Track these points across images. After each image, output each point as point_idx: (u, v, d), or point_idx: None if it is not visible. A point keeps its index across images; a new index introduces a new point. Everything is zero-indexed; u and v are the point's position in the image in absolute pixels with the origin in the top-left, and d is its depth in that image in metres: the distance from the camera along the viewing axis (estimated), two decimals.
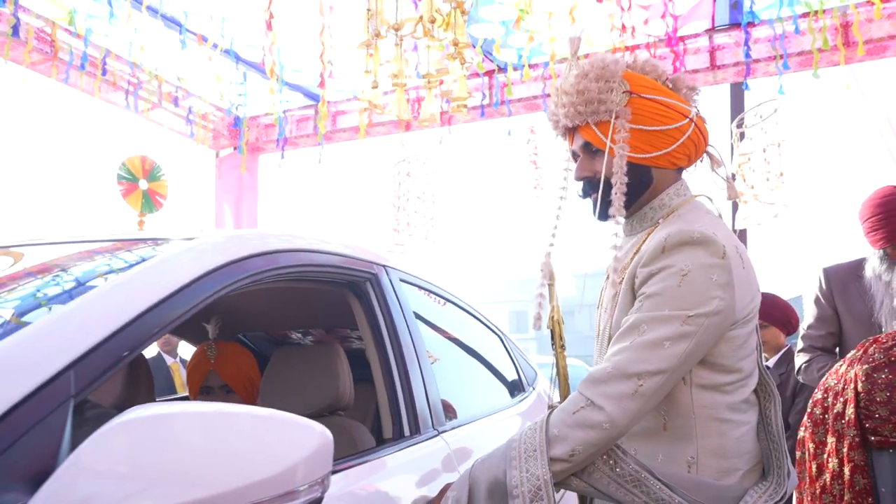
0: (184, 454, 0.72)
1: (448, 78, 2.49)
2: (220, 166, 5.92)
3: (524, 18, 3.94)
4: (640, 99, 1.58)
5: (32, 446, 0.74)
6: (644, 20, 4.19)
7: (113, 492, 0.69)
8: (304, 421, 0.82)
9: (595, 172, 1.62)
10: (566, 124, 1.64)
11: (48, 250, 1.32)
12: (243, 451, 0.74)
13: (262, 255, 1.36)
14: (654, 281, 1.49)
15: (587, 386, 1.45)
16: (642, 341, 1.45)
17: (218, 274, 1.17)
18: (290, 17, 4.05)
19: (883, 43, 4.05)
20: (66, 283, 1.12)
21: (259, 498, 0.74)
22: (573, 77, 1.61)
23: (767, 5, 4.10)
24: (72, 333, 0.87)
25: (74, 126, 25.57)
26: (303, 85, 5.18)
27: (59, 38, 4.31)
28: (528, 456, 1.43)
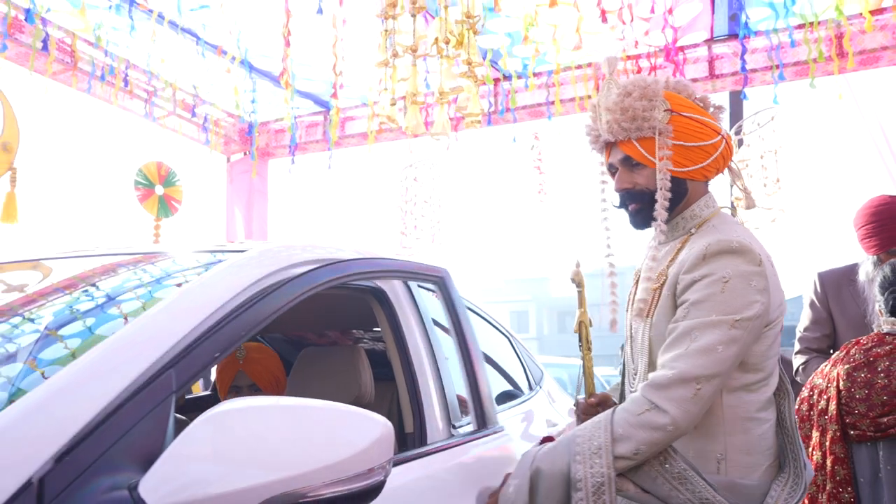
0: (269, 440, 0.85)
1: (461, 95, 2.63)
2: (232, 171, 6.06)
3: (529, 30, 4.08)
4: (679, 117, 1.71)
5: (143, 434, 0.88)
6: (645, 31, 4.33)
7: (210, 471, 0.83)
8: (369, 413, 0.95)
9: (634, 184, 1.76)
10: (607, 139, 1.76)
11: (122, 260, 1.46)
12: (318, 439, 0.87)
13: (337, 262, 1.54)
14: (698, 288, 1.61)
15: (650, 390, 1.57)
16: (696, 347, 1.56)
17: (305, 277, 1.32)
18: (303, 28, 4.19)
19: (876, 53, 4.19)
20: (156, 291, 1.26)
21: (330, 479, 0.87)
22: (615, 95, 1.73)
23: (764, 17, 4.24)
24: (171, 339, 1.01)
25: (91, 133, 25.72)
26: (313, 92, 5.32)
27: (78, 49, 4.45)
28: (594, 453, 1.54)
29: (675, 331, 1.62)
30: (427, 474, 1.62)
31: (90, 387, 0.90)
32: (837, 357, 2.38)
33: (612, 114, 1.72)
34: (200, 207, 5.97)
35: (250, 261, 1.34)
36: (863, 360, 2.22)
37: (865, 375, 2.18)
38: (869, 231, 2.90)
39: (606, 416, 1.61)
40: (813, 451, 2.31)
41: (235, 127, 5.84)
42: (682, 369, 1.56)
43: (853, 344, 2.35)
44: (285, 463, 0.84)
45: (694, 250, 1.67)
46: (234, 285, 1.22)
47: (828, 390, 2.28)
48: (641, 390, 1.60)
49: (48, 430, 0.85)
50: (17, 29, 4.04)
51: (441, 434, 1.90)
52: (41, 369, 0.97)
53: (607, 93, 1.76)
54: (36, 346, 1.05)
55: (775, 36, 4.23)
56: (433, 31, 2.76)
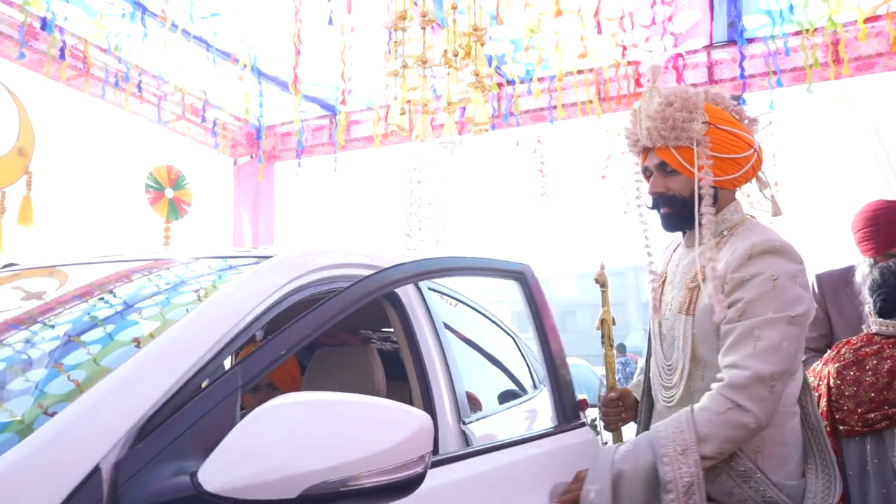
0: (315, 433, 0.94)
1: (469, 105, 2.73)
2: (238, 174, 6.16)
3: (532, 37, 4.17)
4: (716, 129, 1.80)
5: (212, 424, 0.97)
6: (645, 38, 4.42)
7: (261, 460, 0.92)
8: (409, 408, 1.03)
9: (668, 189, 1.85)
10: (645, 144, 1.86)
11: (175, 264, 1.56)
12: (359, 432, 0.95)
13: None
14: (750, 287, 1.69)
15: (730, 390, 1.63)
16: (764, 347, 1.64)
17: (366, 283, 1.41)
18: (310, 34, 4.28)
19: (871, 60, 4.28)
20: (211, 293, 1.35)
21: (374, 468, 0.95)
22: (657, 104, 1.82)
23: (762, 24, 4.33)
24: (241, 340, 1.12)
25: (102, 137, 25.93)
26: (319, 97, 5.42)
27: (91, 55, 4.54)
28: (680, 454, 1.60)
29: (734, 331, 1.68)
30: (511, 462, 1.69)
31: (151, 381, 1.00)
32: (829, 356, 2.48)
33: (653, 121, 1.81)
34: (208, 210, 6.06)
35: (304, 263, 1.44)
36: (852, 359, 2.32)
37: (854, 373, 2.28)
38: (866, 234, 2.98)
39: (685, 415, 1.66)
40: None
41: (242, 130, 5.93)
42: (758, 369, 1.63)
43: (844, 344, 2.45)
44: (328, 453, 0.93)
45: (738, 251, 1.74)
46: (286, 287, 1.33)
47: (819, 388, 2.38)
48: (720, 390, 1.65)
49: (113, 420, 0.95)
50: (32, 36, 4.13)
51: (452, 430, 1.99)
52: (108, 366, 1.06)
53: (649, 100, 1.84)
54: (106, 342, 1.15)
55: (772, 43, 4.33)
56: (440, 42, 2.86)
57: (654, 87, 1.87)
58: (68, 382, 1.05)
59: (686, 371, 1.81)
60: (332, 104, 5.48)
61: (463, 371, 2.36)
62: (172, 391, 1.06)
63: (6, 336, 1.23)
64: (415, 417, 1.01)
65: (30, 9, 3.96)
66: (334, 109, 5.54)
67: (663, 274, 2.00)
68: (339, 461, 0.93)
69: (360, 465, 0.94)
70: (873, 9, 4.07)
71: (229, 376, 1.05)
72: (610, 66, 4.69)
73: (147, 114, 5.13)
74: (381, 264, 1.96)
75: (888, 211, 2.97)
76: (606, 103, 4.80)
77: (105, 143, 6.65)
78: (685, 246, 1.94)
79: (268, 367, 1.14)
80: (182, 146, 5.66)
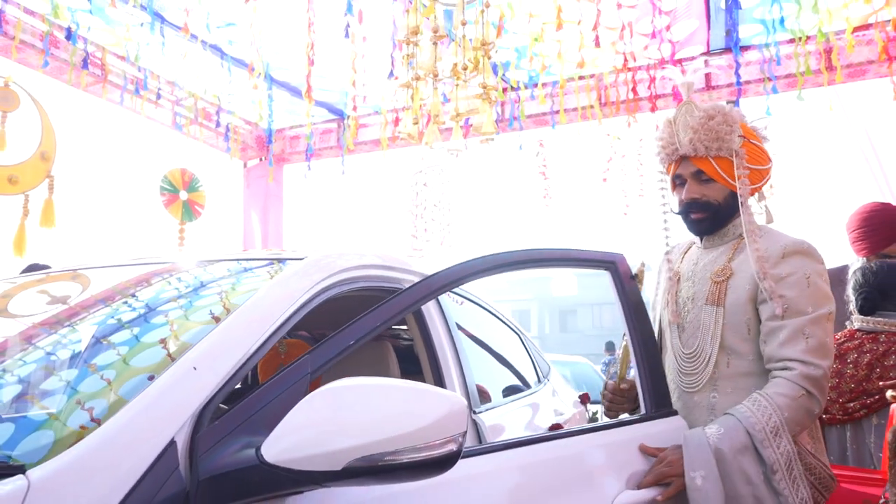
0: (358, 412, 1.07)
1: (477, 116, 2.88)
2: (248, 176, 6.31)
3: (534, 46, 4.33)
4: (748, 143, 2.00)
5: (281, 405, 1.12)
6: (644, 46, 4.58)
7: (312, 435, 1.06)
8: (443, 391, 1.14)
9: (703, 195, 2.02)
10: (686, 153, 2.02)
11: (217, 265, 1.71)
12: (397, 411, 1.07)
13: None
14: (787, 285, 1.88)
15: (803, 380, 1.81)
16: (815, 344, 1.83)
17: (421, 285, 1.56)
18: (319, 41, 4.44)
19: (863, 67, 4.44)
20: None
21: (412, 444, 1.07)
22: (699, 117, 2.00)
23: (756, 33, 4.49)
24: (282, 331, 1.27)
25: (117, 141, 26.01)
26: (327, 101, 5.57)
27: (108, 63, 4.69)
28: (775, 434, 1.76)
29: (783, 328, 1.85)
30: (601, 443, 1.79)
31: (211, 369, 1.16)
32: None
33: (696, 132, 1.98)
34: (219, 211, 6.22)
35: (330, 265, 1.59)
36: (835, 353, 2.49)
37: (836, 366, 2.45)
38: (860, 235, 3.11)
39: (767, 400, 1.79)
40: None
41: (252, 134, 6.09)
42: (823, 365, 1.82)
43: None
44: (368, 431, 1.06)
45: (772, 250, 1.93)
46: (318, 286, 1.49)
47: None
48: (793, 378, 1.81)
49: (183, 403, 1.10)
50: (52, 44, 4.29)
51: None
52: (172, 355, 1.22)
53: (689, 112, 2.02)
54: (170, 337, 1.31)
55: (767, 51, 4.48)
56: (449, 53, 3.01)
57: (692, 101, 2.06)
58: (143, 371, 1.20)
59: (713, 358, 1.96)
60: (341, 109, 5.64)
61: (472, 365, 2.52)
62: (228, 377, 1.21)
63: (80, 330, 1.39)
64: (448, 399, 1.12)
65: (52, 19, 4.12)
66: (342, 114, 5.69)
67: (678, 272, 2.16)
68: (377, 437, 1.06)
69: (397, 441, 1.07)
70: (863, 18, 4.22)
71: (300, 364, 1.21)
72: (610, 73, 4.85)
73: (161, 118, 5.28)
74: (393, 265, 2.11)
75: (882, 213, 3.11)
76: (607, 108, 4.96)
77: (120, 147, 6.81)
78: (702, 247, 2.13)
79: (335, 357, 1.28)
80: (193, 149, 5.81)
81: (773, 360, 1.88)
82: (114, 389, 1.17)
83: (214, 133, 5.71)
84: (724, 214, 2.03)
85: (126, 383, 1.18)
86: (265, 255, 1.76)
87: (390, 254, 2.26)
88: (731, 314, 1.95)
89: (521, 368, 3.17)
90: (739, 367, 1.94)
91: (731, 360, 1.96)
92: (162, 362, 1.20)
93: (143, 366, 1.22)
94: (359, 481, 1.10)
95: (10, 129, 3.98)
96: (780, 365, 1.86)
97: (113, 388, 1.17)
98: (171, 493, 1.02)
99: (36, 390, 1.20)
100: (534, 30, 3.98)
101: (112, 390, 1.16)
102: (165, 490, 1.02)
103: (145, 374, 1.18)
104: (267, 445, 1.06)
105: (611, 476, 1.74)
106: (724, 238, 2.08)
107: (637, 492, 1.72)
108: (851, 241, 3.16)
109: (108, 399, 1.13)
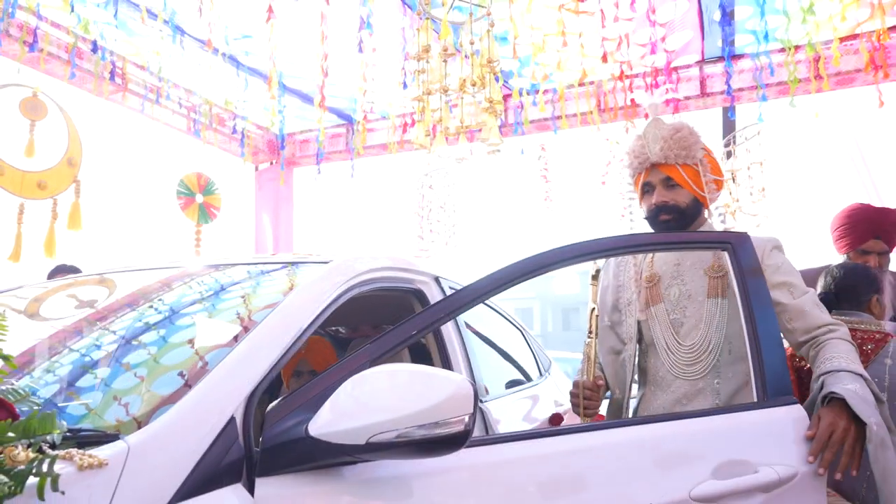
0: (380, 394, 1.25)
1: (484, 128, 3.09)
2: (259, 179, 6.53)
3: (537, 55, 4.53)
4: (709, 155, 2.30)
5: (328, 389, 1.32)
6: (641, 56, 4.78)
7: (346, 413, 1.27)
8: (453, 374, 1.31)
9: (672, 200, 2.26)
10: (657, 160, 2.26)
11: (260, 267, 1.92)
12: (412, 393, 1.23)
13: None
14: (784, 272, 2.13)
15: (847, 334, 2.06)
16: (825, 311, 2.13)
17: (555, 253, 1.79)
18: (329, 49, 4.65)
19: (850, 75, 4.64)
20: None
21: (423, 422, 1.24)
22: (668, 128, 2.26)
23: (748, 43, 4.69)
24: (313, 327, 1.49)
25: (134, 146, 26.35)
26: (336, 107, 5.78)
27: (128, 72, 4.92)
28: (881, 402, 1.87)
29: (805, 304, 2.09)
30: (700, 430, 1.78)
31: (260, 357, 1.38)
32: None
33: (666, 142, 2.24)
34: (231, 214, 6.43)
35: (351, 268, 1.80)
36: None
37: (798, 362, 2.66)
38: (842, 232, 3.33)
39: (848, 360, 1.93)
40: None
41: (264, 138, 6.30)
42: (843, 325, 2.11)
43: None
44: (385, 410, 1.24)
45: (759, 246, 2.13)
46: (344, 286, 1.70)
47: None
48: (846, 336, 2.05)
49: (238, 387, 1.31)
50: (77, 55, 4.51)
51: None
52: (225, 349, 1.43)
53: (658, 126, 2.28)
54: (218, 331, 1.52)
55: (758, 60, 4.68)
56: (456, 66, 3.22)
57: (658, 118, 2.32)
58: (200, 362, 1.42)
59: (717, 347, 2.18)
60: (349, 114, 5.86)
61: (479, 360, 2.73)
62: (271, 366, 1.43)
63: (143, 328, 1.61)
64: (455, 381, 1.29)
65: (77, 31, 4.34)
66: (351, 119, 5.91)
67: (656, 275, 2.35)
68: (392, 416, 1.24)
69: (409, 419, 1.24)
70: (850, 29, 4.42)
71: (360, 355, 1.41)
72: (609, 80, 5.06)
73: (177, 124, 5.50)
74: (405, 266, 2.31)
75: (861, 212, 3.32)
76: (606, 114, 5.18)
77: (137, 151, 7.03)
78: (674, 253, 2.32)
79: (390, 350, 1.48)
80: (204, 154, 6.01)
81: (811, 329, 2.08)
82: (183, 374, 1.38)
83: (227, 137, 5.92)
84: (689, 218, 2.26)
85: (188, 370, 1.39)
86: (292, 259, 1.97)
87: (400, 256, 2.45)
88: (733, 306, 2.13)
89: (524, 362, 3.38)
90: (739, 353, 2.14)
91: (732, 348, 2.17)
92: (219, 353, 1.42)
93: (205, 351, 1.44)
94: (381, 455, 1.29)
95: (38, 137, 4.19)
96: (824, 329, 2.07)
97: (182, 373, 1.39)
98: (233, 459, 1.24)
99: (120, 374, 1.42)
100: (535, 41, 4.19)
101: (181, 375, 1.38)
102: (229, 456, 1.23)
103: (202, 362, 1.40)
104: (312, 422, 1.27)
105: (707, 463, 1.70)
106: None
107: (724, 481, 1.68)
108: (834, 240, 3.37)
109: (176, 384, 1.35)
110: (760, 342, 1.88)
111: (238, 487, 1.23)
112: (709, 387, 2.17)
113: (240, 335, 1.46)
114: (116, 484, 1.06)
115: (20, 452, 1.02)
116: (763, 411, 1.82)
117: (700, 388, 2.18)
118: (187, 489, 1.15)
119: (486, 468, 1.49)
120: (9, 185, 4.09)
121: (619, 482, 1.60)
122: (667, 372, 2.25)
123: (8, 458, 1.01)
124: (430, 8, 2.98)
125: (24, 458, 1.01)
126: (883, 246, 3.23)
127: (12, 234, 4.10)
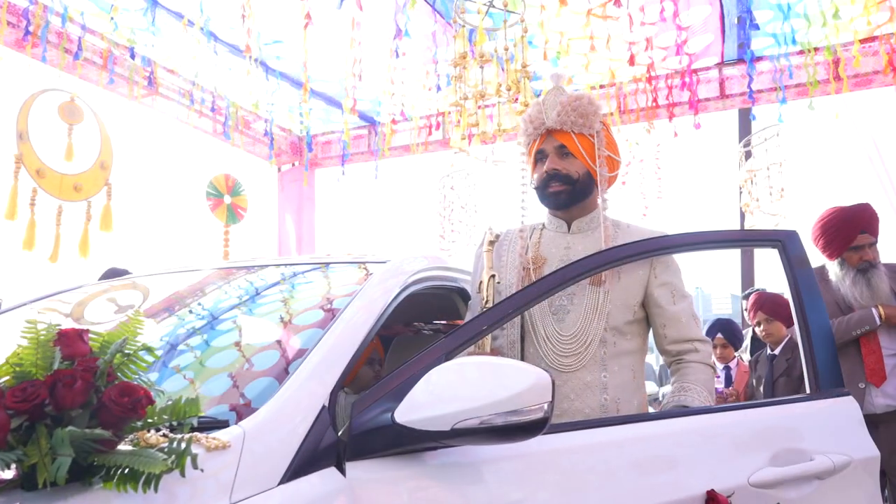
0: (461, 384, 1.35)
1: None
2: (282, 180, 6.63)
3: (561, 59, 4.63)
4: (606, 131, 2.20)
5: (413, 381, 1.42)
6: (662, 58, 4.88)
7: (428, 402, 1.36)
8: (530, 367, 1.40)
9: (564, 168, 2.14)
10: (552, 126, 2.14)
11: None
12: (492, 383, 1.33)
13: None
14: (670, 272, 2.08)
15: (707, 357, 2.08)
16: (698, 324, 2.11)
17: (620, 251, 1.87)
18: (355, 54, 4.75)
19: (868, 77, 4.72)
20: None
21: (505, 409, 1.32)
22: (567, 96, 2.17)
23: (768, 45, 4.78)
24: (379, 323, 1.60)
25: (162, 149, 26.63)
26: (360, 109, 5.88)
27: (158, 76, 5.02)
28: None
29: (682, 314, 2.05)
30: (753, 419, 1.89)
31: (341, 351, 1.48)
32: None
33: (564, 108, 2.13)
34: (255, 214, 6.54)
35: (403, 269, 1.90)
36: None
37: None
38: (829, 238, 3.35)
39: (702, 388, 1.99)
40: None
41: (287, 140, 6.40)
42: (708, 342, 2.13)
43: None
44: (469, 399, 1.33)
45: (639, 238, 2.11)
46: (402, 284, 1.79)
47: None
48: (706, 360, 2.06)
49: (327, 377, 1.41)
50: (112, 61, 4.62)
51: None
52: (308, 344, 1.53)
53: (559, 93, 2.19)
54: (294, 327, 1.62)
55: (778, 62, 4.77)
56: (491, 72, 3.31)
57: (560, 87, 2.23)
58: (284, 357, 1.52)
59: (598, 338, 2.01)
60: (372, 116, 5.96)
61: None
62: (350, 359, 1.53)
63: (237, 324, 1.72)
64: (535, 373, 1.38)
65: (114, 38, 4.44)
66: (373, 120, 6.01)
67: (541, 257, 2.20)
68: (475, 404, 1.33)
69: (491, 407, 1.33)
70: (869, 31, 4.51)
71: (436, 348, 1.51)
72: (629, 83, 5.15)
73: (204, 127, 5.60)
74: (449, 265, 2.40)
75: (839, 213, 3.35)
76: (626, 115, 5.26)
77: (165, 154, 7.14)
78: (569, 232, 2.19)
79: (465, 343, 1.57)
80: (228, 156, 6.12)
81: (679, 341, 2.06)
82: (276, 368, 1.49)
83: (252, 139, 6.02)
84: (581, 191, 2.12)
85: (279, 365, 1.50)
86: (349, 260, 2.06)
87: (438, 256, 2.53)
88: (619, 297, 2.03)
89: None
90: (624, 347, 2.04)
91: (617, 341, 2.04)
92: (303, 348, 1.52)
93: (299, 343, 1.55)
94: (465, 440, 1.39)
95: (76, 141, 4.30)
96: (688, 346, 2.06)
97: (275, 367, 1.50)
98: (328, 444, 1.34)
99: (218, 364, 1.52)
100: (562, 45, 4.28)
101: (275, 369, 1.49)
102: (325, 441, 1.33)
103: (296, 356, 1.50)
104: (398, 410, 1.37)
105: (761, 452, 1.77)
106: (591, 224, 2.18)
107: (781, 468, 1.74)
108: (821, 250, 3.39)
109: (273, 373, 1.46)
110: (812, 335, 1.94)
111: (333, 470, 1.33)
112: (596, 381, 2.01)
113: (329, 326, 1.56)
114: (238, 464, 1.17)
115: (153, 435, 1.11)
116: (816, 402, 1.89)
117: (587, 382, 2.01)
118: (294, 469, 1.25)
119: (548, 455, 1.59)
120: (49, 188, 4.20)
121: (680, 470, 1.67)
122: (547, 366, 2.02)
123: (142, 441, 1.11)
124: (465, 16, 3.08)
125: (156, 441, 1.11)
126: (871, 238, 3.29)
127: (51, 235, 4.21)
